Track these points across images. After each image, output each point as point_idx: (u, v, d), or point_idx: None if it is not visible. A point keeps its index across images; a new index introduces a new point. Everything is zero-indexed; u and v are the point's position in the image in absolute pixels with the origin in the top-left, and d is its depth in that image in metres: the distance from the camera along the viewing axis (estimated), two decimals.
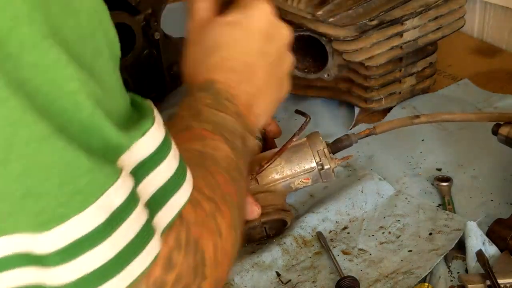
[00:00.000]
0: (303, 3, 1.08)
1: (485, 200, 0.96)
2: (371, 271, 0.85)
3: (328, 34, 1.06)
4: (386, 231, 0.92)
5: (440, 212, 0.93)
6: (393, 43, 1.08)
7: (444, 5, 1.12)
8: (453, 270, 0.85)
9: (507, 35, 1.33)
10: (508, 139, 0.93)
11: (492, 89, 1.20)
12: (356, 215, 0.94)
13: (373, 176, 0.99)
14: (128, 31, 1.10)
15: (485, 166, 1.02)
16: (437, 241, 0.88)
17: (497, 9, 1.33)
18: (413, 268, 0.85)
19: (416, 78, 1.16)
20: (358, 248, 0.89)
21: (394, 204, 0.96)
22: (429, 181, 1.00)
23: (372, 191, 0.97)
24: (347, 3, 1.08)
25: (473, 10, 1.36)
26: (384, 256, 0.88)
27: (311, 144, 0.91)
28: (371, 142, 1.08)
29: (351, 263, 0.87)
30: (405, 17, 1.07)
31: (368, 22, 1.05)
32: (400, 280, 0.83)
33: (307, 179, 0.91)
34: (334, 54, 1.09)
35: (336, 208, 0.95)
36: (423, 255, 0.87)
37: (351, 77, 1.12)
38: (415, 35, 1.10)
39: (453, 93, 1.17)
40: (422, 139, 1.09)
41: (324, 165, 0.90)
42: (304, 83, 1.16)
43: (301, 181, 0.91)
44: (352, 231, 0.92)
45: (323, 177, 0.91)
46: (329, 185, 1.00)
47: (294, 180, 0.91)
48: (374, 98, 1.11)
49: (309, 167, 0.90)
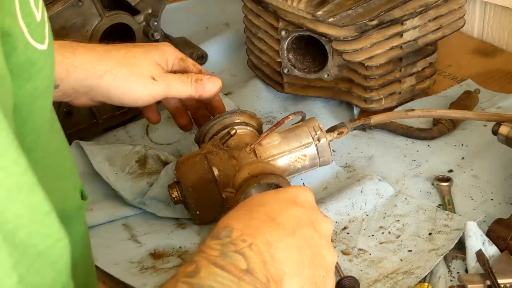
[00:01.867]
0: (303, 3, 1.08)
1: (485, 200, 0.96)
2: (371, 271, 0.85)
3: (328, 34, 1.06)
4: (386, 231, 0.92)
5: (440, 212, 0.93)
6: (393, 43, 1.08)
7: (444, 5, 1.12)
8: (453, 270, 0.85)
9: (507, 35, 1.33)
10: (508, 139, 0.93)
11: (492, 89, 1.20)
12: (356, 215, 0.94)
13: (373, 176, 0.99)
14: (128, 31, 1.10)
15: (485, 166, 1.02)
16: (437, 241, 0.88)
17: (497, 9, 1.33)
18: (413, 268, 0.85)
19: (416, 78, 1.16)
20: (358, 248, 0.89)
21: (394, 204, 0.96)
22: (429, 181, 1.00)
23: (371, 191, 0.97)
24: (347, 3, 1.08)
25: (473, 10, 1.36)
26: (384, 256, 0.88)
27: (307, 124, 0.94)
28: (371, 143, 1.08)
29: (351, 263, 0.87)
30: (405, 17, 1.07)
31: (368, 22, 1.05)
32: (400, 280, 0.83)
33: (305, 156, 0.93)
34: (334, 54, 1.09)
35: (336, 208, 0.95)
36: (423, 255, 0.87)
37: (351, 77, 1.12)
38: (415, 35, 1.10)
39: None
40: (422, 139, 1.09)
41: (320, 138, 0.93)
42: (304, 83, 1.16)
43: (299, 157, 0.93)
44: (351, 231, 0.92)
45: (320, 152, 0.93)
46: (329, 186, 1.00)
47: (291, 156, 0.92)
48: (374, 98, 1.11)
49: (306, 142, 0.93)
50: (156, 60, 0.92)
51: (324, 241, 0.66)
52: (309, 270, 0.63)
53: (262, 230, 0.62)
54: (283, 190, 0.71)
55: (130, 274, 0.86)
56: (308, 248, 0.64)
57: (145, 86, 0.89)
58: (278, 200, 0.67)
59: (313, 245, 0.65)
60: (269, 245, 0.60)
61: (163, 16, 1.13)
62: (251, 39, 1.20)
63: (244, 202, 0.68)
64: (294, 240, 0.63)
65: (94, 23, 1.06)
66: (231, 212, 0.65)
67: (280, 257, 0.61)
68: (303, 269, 0.62)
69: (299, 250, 0.63)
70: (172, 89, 0.91)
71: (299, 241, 0.63)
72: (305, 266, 0.62)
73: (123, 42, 1.12)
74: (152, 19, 1.10)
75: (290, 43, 1.12)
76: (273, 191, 0.72)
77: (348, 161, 1.05)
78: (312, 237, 0.65)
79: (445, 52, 1.26)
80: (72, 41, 0.91)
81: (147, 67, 0.90)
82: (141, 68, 0.90)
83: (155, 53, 0.93)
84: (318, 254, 0.65)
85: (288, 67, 1.14)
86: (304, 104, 1.18)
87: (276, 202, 0.67)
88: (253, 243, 0.60)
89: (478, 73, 1.25)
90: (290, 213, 0.65)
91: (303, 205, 0.67)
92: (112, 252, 0.91)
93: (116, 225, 0.95)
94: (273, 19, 1.12)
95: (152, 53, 0.93)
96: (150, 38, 1.11)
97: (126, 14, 1.08)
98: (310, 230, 0.65)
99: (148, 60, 0.91)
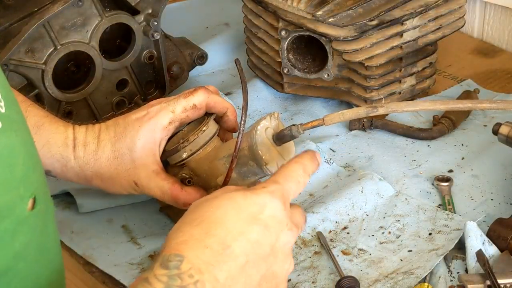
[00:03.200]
0: (303, 3, 1.08)
1: (485, 200, 0.96)
2: (371, 271, 0.85)
3: (328, 34, 1.06)
4: (386, 231, 0.92)
5: (440, 212, 0.93)
6: (393, 43, 1.08)
7: (444, 5, 1.12)
8: (453, 270, 0.85)
9: (507, 35, 1.33)
10: (509, 139, 0.93)
11: (492, 89, 1.20)
12: (356, 215, 0.94)
13: (373, 176, 0.99)
14: (128, 31, 1.10)
15: (485, 166, 1.02)
16: (437, 241, 0.88)
17: (497, 9, 1.33)
18: (413, 268, 0.85)
19: (416, 78, 1.16)
20: (358, 248, 0.89)
21: (394, 204, 0.96)
22: (429, 181, 1.00)
23: (372, 191, 0.97)
24: (347, 3, 1.08)
25: (473, 10, 1.36)
26: (384, 256, 0.88)
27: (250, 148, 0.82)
28: (371, 143, 1.08)
29: (351, 263, 0.87)
30: (405, 17, 1.07)
31: (368, 22, 1.05)
32: (400, 280, 0.83)
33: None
34: (334, 54, 1.09)
35: (336, 208, 0.95)
36: (423, 255, 0.87)
37: (351, 77, 1.12)
38: (415, 35, 1.10)
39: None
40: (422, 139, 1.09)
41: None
42: (304, 83, 1.16)
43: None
44: (352, 231, 0.92)
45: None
46: (330, 184, 1.00)
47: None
48: (374, 98, 1.11)
49: (264, 175, 0.84)
50: (144, 151, 0.87)
51: (280, 256, 0.67)
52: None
53: (212, 264, 0.62)
54: (249, 201, 0.67)
55: (130, 275, 0.87)
56: (258, 273, 0.65)
57: (129, 189, 0.89)
58: (238, 218, 0.66)
59: (264, 269, 0.66)
60: (215, 283, 0.62)
61: (163, 16, 1.12)
62: (251, 39, 1.20)
63: (204, 215, 0.66)
64: (244, 271, 0.64)
65: (94, 23, 1.05)
66: (186, 229, 0.65)
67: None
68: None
69: (246, 280, 0.64)
70: (151, 193, 0.89)
71: (249, 270, 0.65)
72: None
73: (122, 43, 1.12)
74: (152, 19, 1.10)
75: (290, 43, 1.12)
76: (240, 198, 0.67)
77: (348, 161, 1.05)
78: (266, 260, 0.66)
79: (445, 52, 1.26)
80: (74, 129, 0.89)
81: (127, 171, 0.87)
82: (122, 173, 0.88)
83: (137, 148, 0.87)
84: (268, 276, 0.67)
85: (288, 67, 1.14)
86: (304, 104, 1.18)
87: (236, 220, 0.65)
88: (199, 281, 0.60)
89: (478, 73, 1.25)
90: (247, 237, 0.65)
91: (265, 224, 0.66)
92: (112, 253, 0.91)
93: (116, 227, 0.95)
94: (273, 19, 1.12)
95: (133, 151, 0.87)
96: (150, 38, 1.11)
97: (126, 14, 1.08)
98: (266, 253, 0.66)
99: (129, 162, 0.87)
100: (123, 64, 1.12)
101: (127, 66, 1.12)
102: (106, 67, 1.09)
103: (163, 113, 0.88)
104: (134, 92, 1.16)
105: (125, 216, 0.97)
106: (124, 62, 1.12)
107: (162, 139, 0.88)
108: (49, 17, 1.00)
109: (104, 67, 1.09)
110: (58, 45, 1.03)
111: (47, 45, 1.02)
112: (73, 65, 1.10)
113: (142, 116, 0.88)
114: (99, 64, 1.08)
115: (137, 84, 1.15)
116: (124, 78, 1.13)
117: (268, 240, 0.66)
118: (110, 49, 1.12)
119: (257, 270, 0.66)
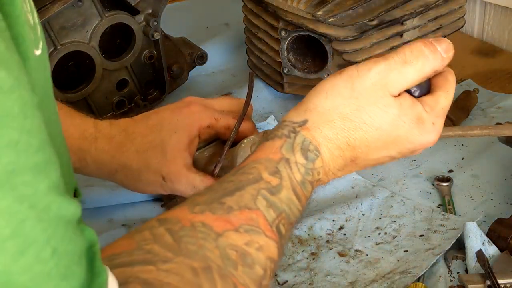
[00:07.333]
0: (303, 3, 1.08)
1: (485, 200, 0.96)
2: (368, 271, 0.85)
3: (328, 34, 1.06)
4: (382, 232, 0.92)
5: (435, 212, 0.93)
6: (393, 43, 1.08)
7: (444, 5, 1.12)
8: (453, 270, 0.85)
9: (507, 35, 1.33)
10: (508, 139, 0.93)
11: (492, 89, 1.20)
12: (352, 214, 0.94)
13: (366, 183, 0.99)
14: (128, 31, 1.10)
15: (485, 166, 1.02)
16: (433, 241, 0.88)
17: (497, 9, 1.33)
18: (409, 268, 0.85)
19: None
20: (355, 249, 0.89)
21: (390, 205, 0.96)
22: (429, 181, 1.00)
23: (366, 194, 0.97)
24: (347, 3, 1.08)
25: (473, 10, 1.36)
26: (381, 256, 0.88)
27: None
28: None
29: (348, 264, 0.87)
30: (405, 17, 1.07)
31: (368, 22, 1.05)
32: (396, 280, 0.83)
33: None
34: (334, 54, 1.09)
35: (332, 208, 0.95)
36: (419, 254, 0.87)
37: None
38: (415, 35, 1.10)
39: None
40: None
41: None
42: (304, 83, 1.16)
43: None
44: (348, 232, 0.92)
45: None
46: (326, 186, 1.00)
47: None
48: None
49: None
50: (178, 145, 0.86)
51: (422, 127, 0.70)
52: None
53: (349, 168, 0.69)
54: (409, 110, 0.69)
55: None
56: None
57: (154, 185, 0.87)
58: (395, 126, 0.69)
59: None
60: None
61: (163, 16, 1.13)
62: (251, 39, 1.20)
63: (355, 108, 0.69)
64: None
65: (94, 23, 1.06)
66: (339, 124, 0.68)
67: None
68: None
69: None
70: (180, 188, 0.87)
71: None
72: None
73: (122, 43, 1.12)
74: (152, 19, 1.10)
75: (290, 43, 1.12)
76: (395, 108, 0.69)
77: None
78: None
79: None
80: (94, 123, 0.88)
81: (158, 164, 0.86)
82: (152, 166, 0.86)
83: (172, 141, 0.86)
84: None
85: (288, 67, 1.14)
86: None
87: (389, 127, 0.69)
88: (320, 180, 0.67)
89: (478, 73, 1.25)
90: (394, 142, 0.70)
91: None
92: None
93: (117, 226, 0.96)
94: (273, 19, 1.12)
95: (167, 144, 0.86)
96: (150, 38, 1.11)
97: (126, 14, 1.08)
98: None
99: (161, 154, 0.86)
100: (123, 64, 1.12)
101: (127, 66, 1.12)
102: (106, 67, 1.10)
103: (206, 114, 0.87)
104: (134, 92, 1.16)
105: (125, 215, 0.97)
106: (124, 62, 1.12)
107: (196, 138, 0.87)
108: (49, 17, 1.01)
109: (104, 67, 1.09)
110: (58, 45, 1.03)
111: (47, 45, 1.02)
112: (73, 65, 1.10)
113: (180, 111, 0.87)
114: (99, 64, 1.08)
115: (137, 84, 1.15)
116: (124, 78, 1.13)
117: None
118: (110, 49, 1.12)
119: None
